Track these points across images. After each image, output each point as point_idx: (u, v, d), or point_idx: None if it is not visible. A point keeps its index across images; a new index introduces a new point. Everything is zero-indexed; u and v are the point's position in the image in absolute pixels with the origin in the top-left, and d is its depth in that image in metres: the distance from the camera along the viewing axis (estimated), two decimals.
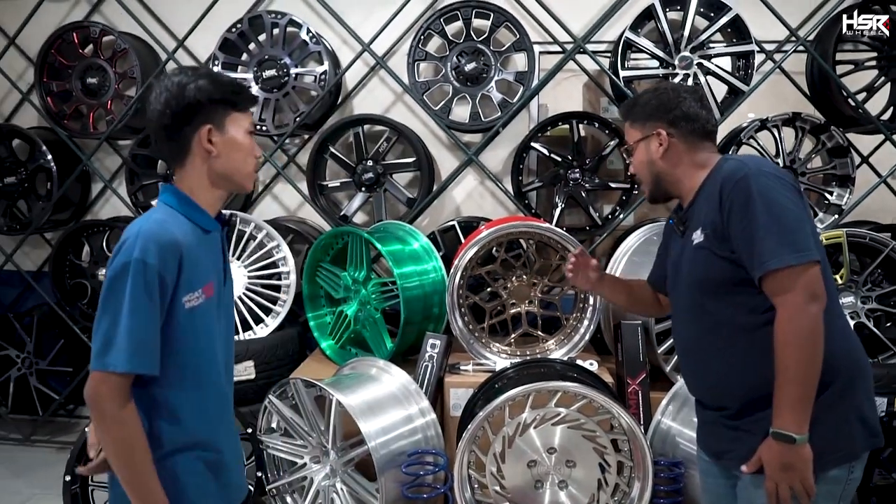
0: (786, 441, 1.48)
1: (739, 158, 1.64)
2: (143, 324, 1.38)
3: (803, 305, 1.48)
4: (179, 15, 3.90)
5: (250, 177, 1.61)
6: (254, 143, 1.61)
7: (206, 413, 1.55)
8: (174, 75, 1.52)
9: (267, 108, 3.64)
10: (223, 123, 1.53)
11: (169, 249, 1.41)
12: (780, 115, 3.33)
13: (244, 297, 3.36)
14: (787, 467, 1.50)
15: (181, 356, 1.48)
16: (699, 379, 1.77)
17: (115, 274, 1.39)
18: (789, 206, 1.52)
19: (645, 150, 1.79)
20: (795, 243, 1.49)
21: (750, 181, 1.54)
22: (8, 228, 3.94)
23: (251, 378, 3.15)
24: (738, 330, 1.62)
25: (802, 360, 1.47)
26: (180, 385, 1.49)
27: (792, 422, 1.48)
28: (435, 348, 2.91)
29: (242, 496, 1.71)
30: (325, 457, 2.66)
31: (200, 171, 1.54)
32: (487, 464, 2.46)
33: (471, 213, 3.91)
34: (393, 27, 3.70)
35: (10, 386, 4.02)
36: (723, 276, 1.61)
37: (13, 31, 3.95)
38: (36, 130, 3.94)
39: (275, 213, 4.06)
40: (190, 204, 1.53)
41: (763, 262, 1.50)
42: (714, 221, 1.60)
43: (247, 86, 1.62)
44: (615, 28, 3.59)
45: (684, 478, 2.45)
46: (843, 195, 3.39)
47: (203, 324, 1.51)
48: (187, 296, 1.46)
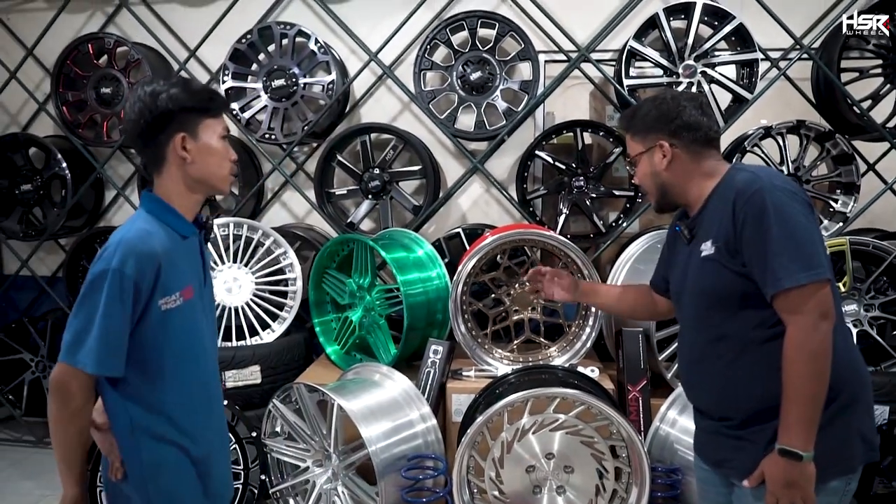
0: (792, 458, 1.48)
1: (751, 170, 1.61)
2: (114, 329, 1.47)
3: (814, 324, 1.48)
4: (191, 26, 3.99)
5: (226, 180, 1.66)
6: (228, 147, 1.65)
7: (190, 408, 1.62)
8: (147, 85, 1.57)
9: (276, 116, 3.71)
10: (196, 130, 1.59)
11: (146, 260, 1.49)
12: (785, 123, 3.33)
13: (251, 302, 3.42)
14: (791, 484, 1.49)
15: (158, 354, 1.56)
16: (703, 388, 1.75)
17: (94, 278, 1.47)
18: (803, 221, 1.51)
19: (648, 163, 1.77)
20: (809, 261, 1.48)
21: (765, 195, 1.52)
22: (24, 235, 4.04)
23: (257, 382, 3.20)
24: (745, 342, 1.61)
25: (811, 379, 1.47)
26: (161, 381, 1.57)
27: (799, 439, 1.48)
28: (437, 354, 2.94)
29: (229, 494, 1.77)
30: (327, 460, 2.70)
31: (177, 176, 1.60)
32: (486, 469, 2.49)
33: (477, 221, 3.94)
34: (400, 37, 3.76)
35: (25, 389, 4.11)
36: (732, 289, 1.60)
37: (31, 42, 4.05)
38: (52, 139, 4.03)
39: (283, 220, 4.12)
40: (168, 210, 1.60)
41: (776, 279, 1.49)
42: (727, 234, 1.58)
43: (218, 92, 1.71)
44: (621, 37, 3.61)
45: (682, 484, 2.46)
46: (847, 203, 3.38)
47: (182, 324, 1.59)
48: (163, 299, 1.54)
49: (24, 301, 4.41)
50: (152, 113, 1.54)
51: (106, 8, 4.09)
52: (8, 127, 4.30)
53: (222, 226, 3.42)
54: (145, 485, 1.58)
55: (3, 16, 4.20)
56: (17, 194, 4.03)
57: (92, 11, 4.13)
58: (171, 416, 1.59)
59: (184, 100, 1.55)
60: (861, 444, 1.58)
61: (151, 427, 1.57)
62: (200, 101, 1.58)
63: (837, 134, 3.34)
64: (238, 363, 3.17)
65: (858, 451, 1.58)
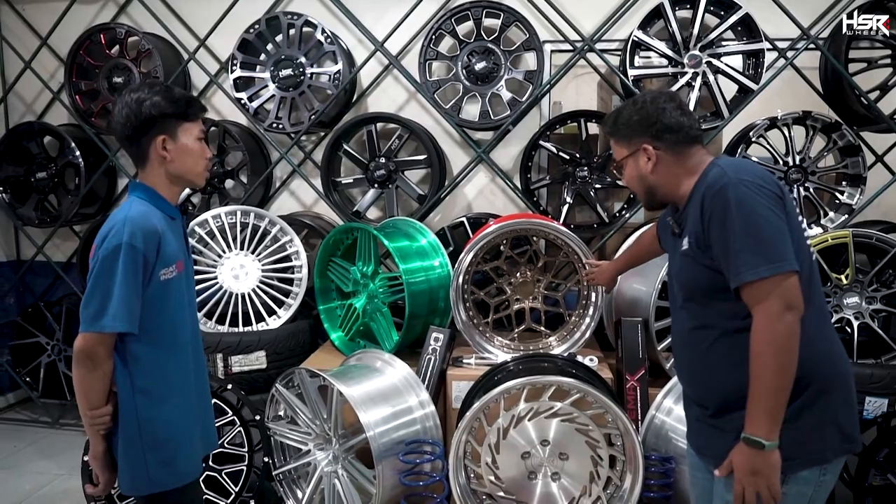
0: (755, 446, 1.51)
1: (722, 164, 1.64)
2: (132, 294, 1.68)
3: (778, 315, 1.50)
4: (201, 16, 4.04)
5: (201, 175, 1.88)
6: (204, 147, 1.87)
7: (184, 367, 1.85)
8: (133, 91, 1.78)
9: (283, 106, 3.76)
10: (175, 133, 1.80)
11: (151, 235, 1.71)
12: (791, 114, 3.31)
13: (258, 289, 3.48)
14: (755, 472, 1.53)
15: (158, 320, 1.77)
16: (685, 375, 1.82)
17: (107, 254, 1.67)
18: (767, 215, 1.52)
19: (634, 166, 1.79)
20: (770, 254, 1.50)
21: (728, 191, 1.54)
22: (39, 221, 4.13)
23: (263, 367, 3.27)
24: (718, 333, 1.65)
25: (776, 369, 1.50)
26: (158, 342, 1.78)
27: (762, 428, 1.51)
28: (438, 342, 2.98)
29: (214, 444, 2.06)
30: (328, 444, 2.76)
31: (159, 171, 1.82)
32: (482, 454, 2.53)
33: (482, 210, 3.97)
34: (406, 27, 3.78)
35: (41, 371, 4.22)
36: (706, 283, 1.64)
37: (46, 32, 4.13)
38: (65, 128, 4.11)
39: (292, 208, 4.17)
40: (157, 196, 1.81)
41: (738, 273, 1.52)
42: (697, 231, 1.62)
43: (196, 98, 1.91)
44: (628, 26, 3.60)
45: (675, 473, 2.48)
46: (854, 194, 3.36)
47: (174, 293, 1.81)
48: (163, 270, 1.75)
49: (41, 286, 4.51)
50: (137, 118, 1.75)
51: None
52: (24, 116, 4.38)
53: (230, 213, 3.48)
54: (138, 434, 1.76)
55: (19, 6, 4.28)
56: (32, 182, 4.12)
57: (104, 2, 4.19)
58: (165, 374, 1.79)
59: (165, 107, 1.76)
60: (836, 434, 1.59)
61: (149, 388, 1.76)
62: (179, 108, 1.79)
63: (844, 125, 3.32)
64: (244, 348, 3.23)
65: (832, 443, 1.59)
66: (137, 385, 1.76)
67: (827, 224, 3.36)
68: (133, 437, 1.76)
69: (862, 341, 2.98)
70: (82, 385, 1.73)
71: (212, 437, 2.03)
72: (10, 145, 4.08)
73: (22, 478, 3.60)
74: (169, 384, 1.80)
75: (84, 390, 1.73)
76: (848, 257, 2.99)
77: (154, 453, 1.77)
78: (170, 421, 1.80)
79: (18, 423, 4.33)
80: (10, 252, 4.53)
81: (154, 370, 1.78)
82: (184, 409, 1.84)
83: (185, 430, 1.84)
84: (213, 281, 3.45)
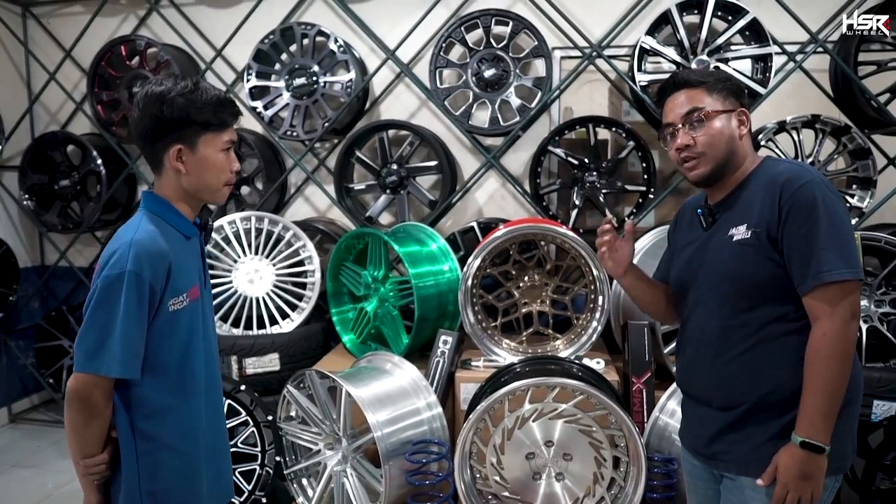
0: (814, 451, 1.50)
1: (796, 163, 1.62)
2: (134, 332, 1.48)
3: (847, 322, 1.49)
4: (218, 27, 4.14)
5: (220, 192, 1.64)
6: (229, 159, 1.62)
7: (192, 408, 1.63)
8: (156, 85, 1.54)
9: (297, 114, 3.84)
10: (195, 143, 1.56)
11: (159, 261, 1.50)
12: (800, 117, 3.31)
13: (272, 293, 3.55)
14: (807, 476, 1.51)
15: (165, 354, 1.57)
16: (709, 374, 1.71)
17: (109, 283, 1.46)
18: (847, 221, 1.53)
19: (727, 124, 1.65)
20: (851, 259, 1.49)
21: (815, 189, 1.51)
22: (62, 227, 4.26)
23: (276, 370, 3.34)
24: (761, 334, 1.61)
25: (840, 374, 1.49)
26: (165, 381, 1.57)
27: (822, 432, 1.50)
28: (447, 344, 3.03)
29: (229, 493, 1.80)
30: (337, 444, 2.81)
31: (174, 182, 1.61)
32: (488, 454, 2.57)
33: (493, 215, 4.01)
34: (417, 36, 3.85)
35: (64, 374, 4.34)
36: (763, 276, 1.59)
37: (69, 44, 4.27)
38: (88, 137, 4.23)
39: (306, 214, 4.25)
40: (171, 211, 1.60)
41: (820, 272, 1.48)
42: (768, 221, 1.56)
43: (228, 102, 1.61)
44: (637, 32, 3.63)
45: (678, 474, 2.50)
46: (864, 197, 3.35)
47: (188, 324, 1.60)
48: (172, 300, 1.55)
49: (63, 290, 4.64)
50: (153, 119, 1.53)
51: (138, 11, 4.27)
52: (48, 126, 4.52)
53: (244, 219, 3.56)
54: (138, 485, 1.56)
55: (45, 20, 4.42)
56: (56, 189, 4.25)
57: (125, 15, 4.32)
58: (172, 417, 1.59)
59: (186, 112, 1.53)
60: (852, 444, 1.62)
61: (150, 430, 1.56)
62: (203, 115, 1.55)
63: (854, 128, 3.31)
64: (258, 351, 3.31)
65: (850, 452, 1.61)
66: (139, 429, 1.55)
67: None
68: (133, 488, 1.56)
69: (870, 345, 2.97)
70: (75, 431, 1.51)
71: (226, 486, 1.78)
72: (36, 154, 4.21)
73: (45, 476, 3.70)
74: (175, 428, 1.59)
75: (76, 436, 1.51)
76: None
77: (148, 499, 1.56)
78: (175, 470, 1.59)
79: (42, 423, 4.45)
80: (35, 257, 4.67)
81: (159, 413, 1.56)
82: (192, 456, 1.62)
83: (193, 480, 1.63)
84: (229, 285, 3.53)
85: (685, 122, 1.67)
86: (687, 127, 1.67)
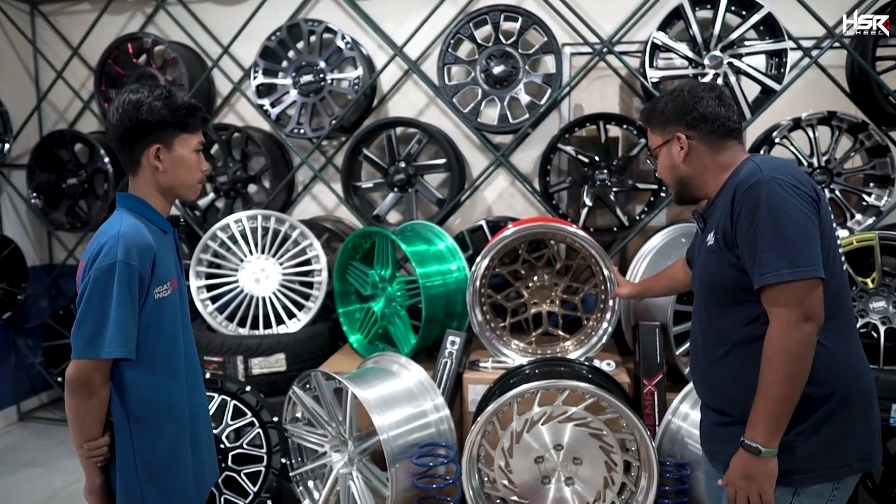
0: (752, 452, 1.50)
1: (758, 161, 1.59)
2: (128, 316, 1.57)
3: (794, 323, 1.46)
4: (225, 24, 4.11)
5: (194, 189, 1.77)
6: (200, 159, 1.76)
7: (181, 391, 1.73)
8: (133, 92, 1.66)
9: (305, 111, 3.81)
10: (172, 143, 1.69)
11: (146, 251, 1.61)
12: (816, 114, 3.25)
13: (278, 292, 3.52)
14: (749, 477, 1.51)
15: (154, 342, 1.66)
16: (700, 374, 1.77)
17: (100, 274, 1.55)
18: (798, 217, 1.47)
19: (667, 155, 1.76)
20: (796, 258, 1.45)
21: (761, 188, 1.50)
22: (70, 226, 4.25)
23: (282, 370, 3.31)
24: (735, 338, 1.61)
25: (783, 378, 1.46)
26: (155, 368, 1.67)
27: (762, 434, 1.49)
28: (455, 345, 2.99)
29: (215, 474, 1.89)
30: (343, 446, 2.78)
31: (150, 181, 1.71)
32: (496, 458, 2.53)
33: (502, 213, 3.96)
34: (425, 32, 3.81)
35: None
36: (728, 281, 1.60)
37: (77, 42, 4.25)
38: (95, 135, 4.21)
39: (314, 212, 4.22)
40: (148, 208, 1.71)
41: (761, 274, 1.48)
42: (725, 226, 1.58)
43: (199, 107, 1.74)
44: (648, 27, 3.57)
45: (690, 479, 2.45)
46: (881, 196, 3.28)
47: (170, 313, 1.70)
48: (158, 288, 1.65)
49: (72, 289, 4.63)
50: (132, 122, 1.64)
51: (145, 8, 4.25)
52: (56, 124, 4.51)
53: (251, 218, 3.53)
54: (134, 466, 1.66)
55: (52, 18, 4.41)
56: (63, 188, 4.24)
57: (132, 12, 4.30)
58: (161, 399, 1.69)
59: (163, 114, 1.65)
60: (852, 452, 1.55)
61: (145, 415, 1.66)
62: (178, 117, 1.67)
63: (871, 125, 3.24)
64: (264, 351, 3.28)
65: (848, 460, 1.55)
66: (133, 412, 1.65)
67: (854, 226, 3.29)
68: (129, 468, 1.66)
69: (889, 347, 2.90)
70: (78, 415, 1.61)
71: (211, 465, 1.90)
72: (43, 153, 4.20)
73: (53, 475, 3.70)
74: (165, 409, 1.69)
75: (80, 421, 1.61)
76: (874, 260, 2.91)
77: (150, 484, 1.67)
78: (166, 448, 1.70)
79: (51, 422, 4.46)
80: (44, 256, 4.67)
81: (150, 395, 1.66)
82: (180, 435, 1.73)
83: (182, 457, 1.73)
84: (235, 284, 3.51)
85: (649, 160, 1.86)
86: (652, 163, 1.85)
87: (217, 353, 3.28)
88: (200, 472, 1.81)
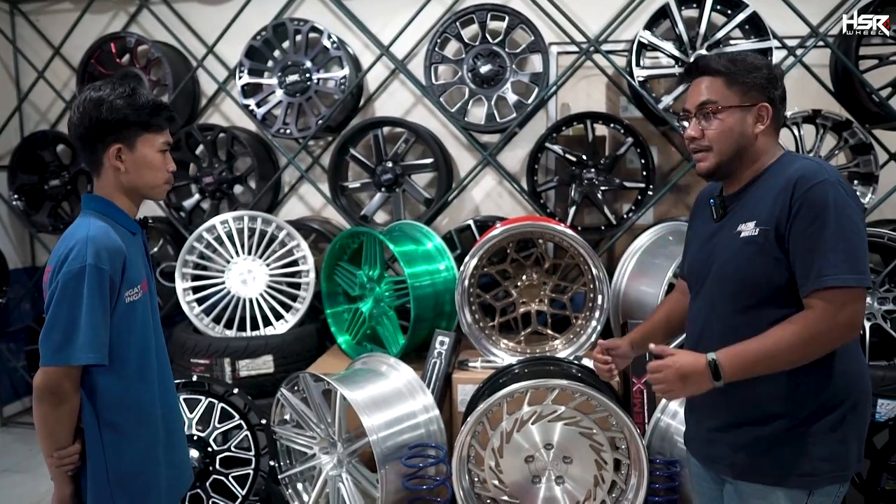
0: (710, 369, 1.47)
1: (814, 160, 1.54)
2: (99, 321, 1.53)
3: (839, 325, 1.43)
4: (209, 23, 4.07)
5: (159, 189, 1.71)
6: (166, 159, 1.70)
7: (152, 395, 1.69)
8: (94, 90, 1.60)
9: (291, 111, 3.78)
10: (134, 143, 1.63)
11: (116, 254, 1.57)
12: (800, 112, 3.27)
13: (265, 294, 3.50)
14: (683, 378, 1.48)
15: (124, 345, 1.62)
16: None
17: (69, 278, 1.51)
18: (860, 225, 1.47)
19: (739, 120, 1.57)
20: (857, 266, 1.43)
21: (828, 189, 1.45)
22: (53, 228, 4.19)
23: (270, 372, 3.28)
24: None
25: (790, 351, 1.45)
26: (126, 371, 1.63)
27: (732, 367, 1.46)
28: (444, 345, 2.98)
29: (189, 479, 1.87)
30: (332, 448, 2.76)
31: (113, 181, 1.66)
32: (486, 458, 2.52)
33: (490, 213, 3.96)
34: (412, 31, 3.79)
35: None
36: (765, 276, 1.53)
37: (58, 42, 4.20)
38: None
39: (301, 213, 4.19)
40: (115, 210, 1.66)
41: (821, 275, 1.43)
42: (777, 219, 1.50)
43: (164, 106, 1.69)
44: (635, 27, 3.58)
45: (680, 476, 2.46)
46: (865, 193, 3.31)
47: (140, 316, 1.66)
48: (128, 291, 1.61)
49: None
50: (91, 121, 1.58)
51: (128, 7, 4.20)
52: (38, 125, 4.45)
53: (237, 219, 3.50)
54: (106, 474, 1.62)
55: (33, 17, 4.35)
56: (46, 189, 4.18)
57: (115, 12, 4.25)
58: (133, 406, 1.65)
59: (125, 113, 1.59)
60: (857, 450, 1.57)
61: (114, 419, 1.62)
62: (141, 116, 1.62)
63: (855, 123, 3.27)
64: (251, 353, 3.25)
65: (854, 458, 1.57)
66: (104, 418, 1.60)
67: None
68: (100, 476, 1.61)
69: (873, 343, 2.93)
70: (47, 424, 1.56)
71: (185, 470, 1.86)
72: (25, 154, 4.14)
73: (37, 480, 3.65)
74: (137, 415, 1.65)
75: (49, 430, 1.56)
76: None
77: (122, 492, 1.63)
78: (139, 455, 1.66)
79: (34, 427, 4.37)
80: (26, 258, 4.60)
81: (122, 401, 1.62)
82: (153, 442, 1.69)
83: (155, 463, 1.69)
84: (222, 286, 3.48)
85: (697, 112, 1.61)
86: (699, 118, 1.61)
87: (204, 355, 3.24)
88: (175, 478, 1.78)
